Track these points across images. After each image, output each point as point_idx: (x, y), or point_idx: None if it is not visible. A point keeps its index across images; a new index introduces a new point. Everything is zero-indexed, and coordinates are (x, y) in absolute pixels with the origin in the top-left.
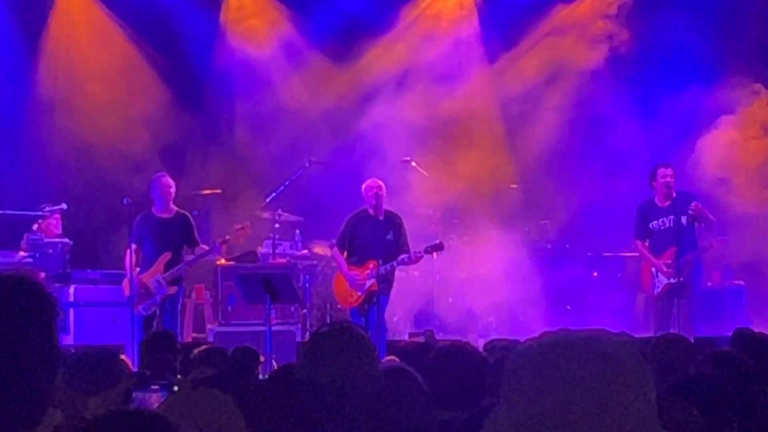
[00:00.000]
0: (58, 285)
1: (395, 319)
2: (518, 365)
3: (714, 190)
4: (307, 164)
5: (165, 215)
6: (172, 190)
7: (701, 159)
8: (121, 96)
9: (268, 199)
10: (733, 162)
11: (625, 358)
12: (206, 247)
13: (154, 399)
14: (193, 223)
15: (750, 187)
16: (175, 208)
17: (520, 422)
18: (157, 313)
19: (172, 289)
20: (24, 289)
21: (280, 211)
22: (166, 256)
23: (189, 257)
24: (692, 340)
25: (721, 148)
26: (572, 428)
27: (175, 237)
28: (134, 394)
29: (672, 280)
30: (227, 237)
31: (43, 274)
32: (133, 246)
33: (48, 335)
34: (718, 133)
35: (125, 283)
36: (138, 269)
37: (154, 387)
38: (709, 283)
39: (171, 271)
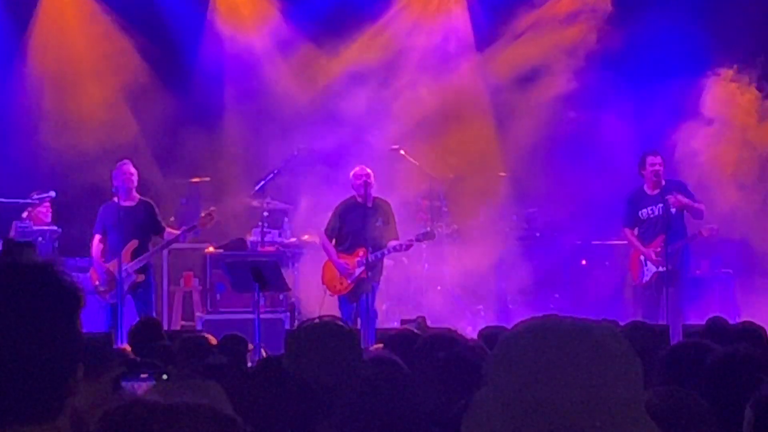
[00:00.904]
0: None
1: (384, 307)
2: (506, 349)
3: (702, 178)
4: (296, 152)
5: (128, 203)
6: (134, 178)
7: (687, 147)
8: (109, 84)
9: (256, 187)
10: (717, 151)
11: (612, 344)
12: (174, 232)
13: (143, 387)
14: (156, 209)
15: (735, 177)
16: (138, 196)
17: (507, 405)
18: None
19: (140, 277)
20: (50, 278)
21: (268, 199)
22: (133, 243)
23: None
24: (681, 329)
25: (706, 137)
26: (558, 412)
27: (140, 225)
28: (122, 383)
29: (661, 269)
30: (194, 224)
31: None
32: (98, 236)
33: (71, 325)
34: (703, 124)
35: (92, 272)
36: (104, 258)
37: (143, 375)
38: (697, 272)
39: (138, 258)
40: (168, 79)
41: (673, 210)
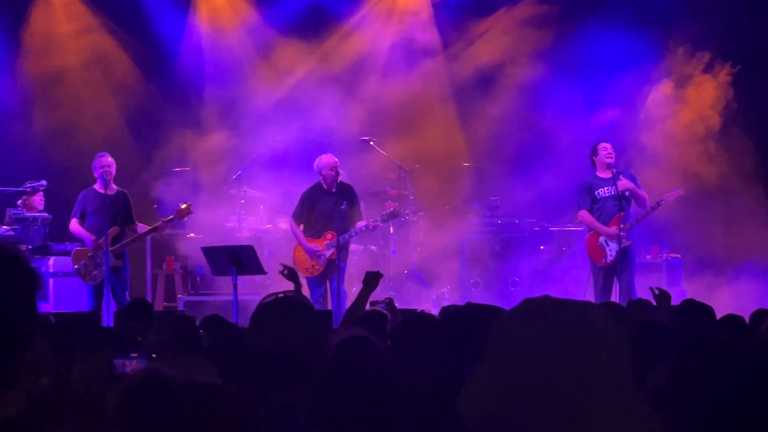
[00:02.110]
0: (38, 257)
1: (354, 289)
2: (502, 328)
3: (656, 163)
4: (272, 143)
5: (107, 192)
6: (112, 169)
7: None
8: (96, 79)
9: (234, 177)
10: (674, 135)
11: (604, 325)
12: (147, 227)
13: (133, 365)
14: (131, 201)
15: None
16: (116, 187)
17: (501, 381)
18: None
19: (118, 262)
20: (4, 261)
21: (245, 187)
22: (114, 230)
23: (132, 235)
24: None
25: (665, 121)
26: (551, 389)
27: (119, 212)
28: (114, 361)
29: (627, 243)
30: (170, 216)
31: (24, 246)
32: (75, 219)
33: (27, 306)
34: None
35: (74, 253)
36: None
37: (133, 354)
38: (648, 256)
39: (119, 244)
40: (151, 74)
41: (627, 193)
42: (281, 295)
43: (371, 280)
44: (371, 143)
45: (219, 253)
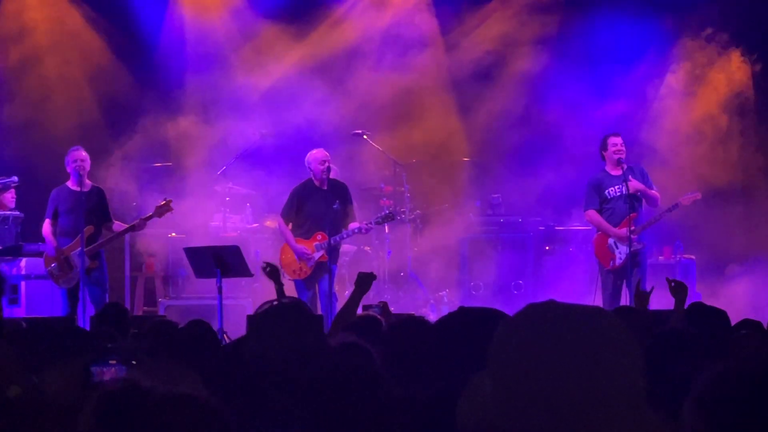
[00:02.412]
0: (9, 258)
1: (346, 293)
2: (506, 335)
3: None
4: (258, 136)
5: (81, 189)
6: (86, 164)
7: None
8: (71, 68)
9: (218, 172)
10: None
11: (613, 331)
12: (124, 225)
13: (111, 373)
14: (107, 198)
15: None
16: (90, 183)
17: (505, 391)
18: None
19: (94, 263)
20: None
21: (230, 184)
22: (89, 229)
23: (109, 234)
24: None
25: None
26: (558, 399)
27: (93, 211)
28: (92, 368)
29: (638, 246)
30: (149, 214)
31: None
32: (48, 220)
33: None
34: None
35: (45, 256)
36: (56, 243)
37: (111, 362)
38: (660, 257)
39: (94, 244)
40: (129, 62)
41: (638, 193)
42: (275, 302)
43: (364, 281)
44: (364, 137)
45: (202, 254)
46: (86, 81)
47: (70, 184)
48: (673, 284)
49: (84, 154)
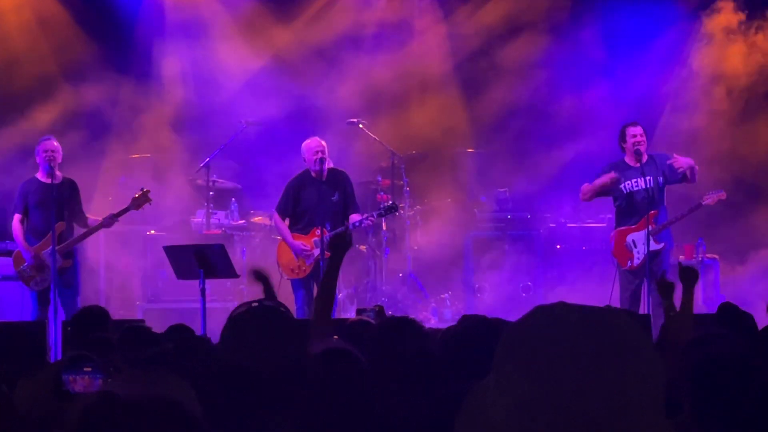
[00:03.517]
0: None
1: (340, 295)
2: (514, 339)
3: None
4: (245, 125)
5: (51, 182)
6: (58, 155)
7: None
8: (43, 53)
9: (201, 164)
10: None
11: (632, 336)
12: (99, 219)
13: (86, 381)
14: (79, 190)
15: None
16: (61, 174)
17: (513, 399)
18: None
19: (67, 263)
20: None
21: (214, 177)
22: (60, 226)
23: (83, 230)
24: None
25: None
26: (571, 408)
27: (65, 205)
28: (64, 377)
29: (658, 246)
30: (126, 206)
31: None
32: (18, 216)
33: None
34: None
35: (15, 256)
36: (25, 241)
37: (86, 369)
38: (681, 257)
39: (66, 242)
40: (105, 47)
41: (661, 181)
42: (255, 304)
43: (338, 243)
44: (360, 126)
45: (184, 253)
46: (57, 66)
47: (39, 175)
48: (684, 269)
49: (56, 144)
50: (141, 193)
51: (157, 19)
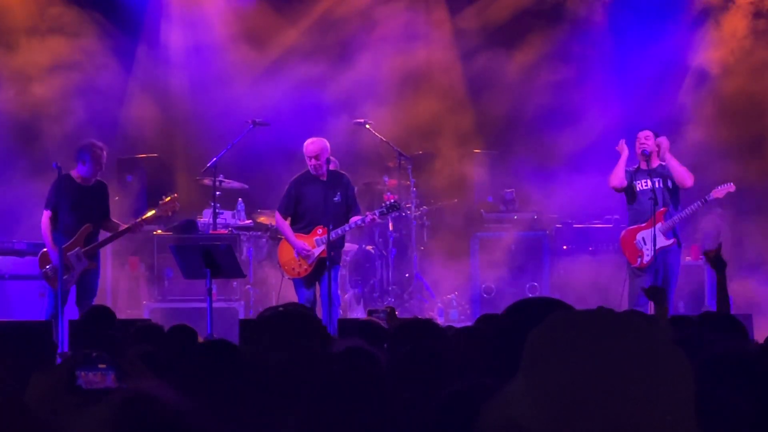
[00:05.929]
0: None
1: (346, 296)
2: (544, 341)
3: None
4: (251, 125)
5: (87, 183)
6: (104, 154)
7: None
8: (52, 55)
9: (208, 164)
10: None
11: (657, 336)
12: (124, 225)
13: (97, 378)
14: (108, 194)
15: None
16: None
17: (543, 402)
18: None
19: (92, 264)
20: None
21: (221, 177)
22: (88, 227)
23: (107, 234)
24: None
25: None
26: (602, 411)
27: (95, 207)
28: (77, 373)
29: (667, 243)
30: (152, 211)
31: None
32: (48, 213)
33: None
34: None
35: (42, 255)
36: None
37: (101, 366)
38: (687, 258)
39: (93, 245)
40: (112, 45)
41: (671, 182)
42: (281, 308)
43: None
44: (367, 126)
45: (191, 252)
46: (63, 65)
47: (76, 175)
48: (650, 289)
49: (102, 144)
50: (169, 198)
51: (164, 16)
